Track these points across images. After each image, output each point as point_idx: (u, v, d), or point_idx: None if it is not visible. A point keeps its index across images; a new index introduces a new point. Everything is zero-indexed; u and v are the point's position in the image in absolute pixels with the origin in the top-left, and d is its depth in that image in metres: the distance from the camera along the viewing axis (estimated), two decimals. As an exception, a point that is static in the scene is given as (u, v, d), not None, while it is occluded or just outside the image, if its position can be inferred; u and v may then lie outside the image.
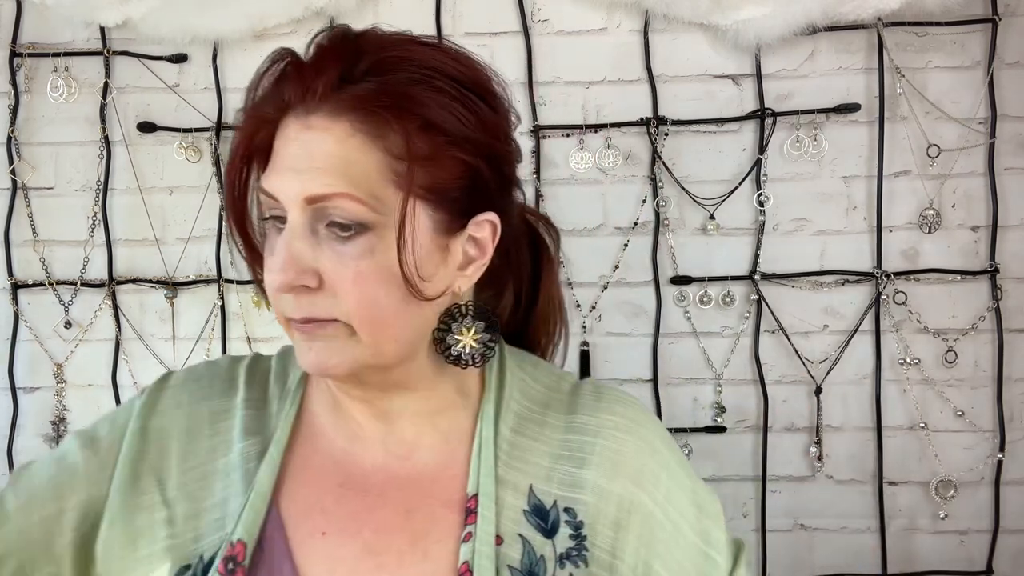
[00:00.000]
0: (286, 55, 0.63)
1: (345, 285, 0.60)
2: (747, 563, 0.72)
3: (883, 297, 1.46)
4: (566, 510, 0.68)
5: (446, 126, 0.61)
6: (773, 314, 1.47)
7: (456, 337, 0.67)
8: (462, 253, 0.65)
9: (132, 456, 0.69)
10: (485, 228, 0.66)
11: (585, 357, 1.48)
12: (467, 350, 0.67)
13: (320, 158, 0.59)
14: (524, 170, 1.48)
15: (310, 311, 0.61)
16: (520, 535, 0.66)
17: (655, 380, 1.49)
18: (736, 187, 1.47)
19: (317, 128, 0.59)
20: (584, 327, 1.49)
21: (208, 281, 1.51)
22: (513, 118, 0.69)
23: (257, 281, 0.69)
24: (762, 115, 1.45)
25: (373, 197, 0.59)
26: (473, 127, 0.62)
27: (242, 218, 0.67)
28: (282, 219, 0.61)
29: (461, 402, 0.72)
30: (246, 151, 0.65)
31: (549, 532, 0.67)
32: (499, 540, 0.65)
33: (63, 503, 0.66)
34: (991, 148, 1.44)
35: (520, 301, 0.80)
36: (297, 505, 0.68)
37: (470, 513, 0.66)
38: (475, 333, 0.67)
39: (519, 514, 0.67)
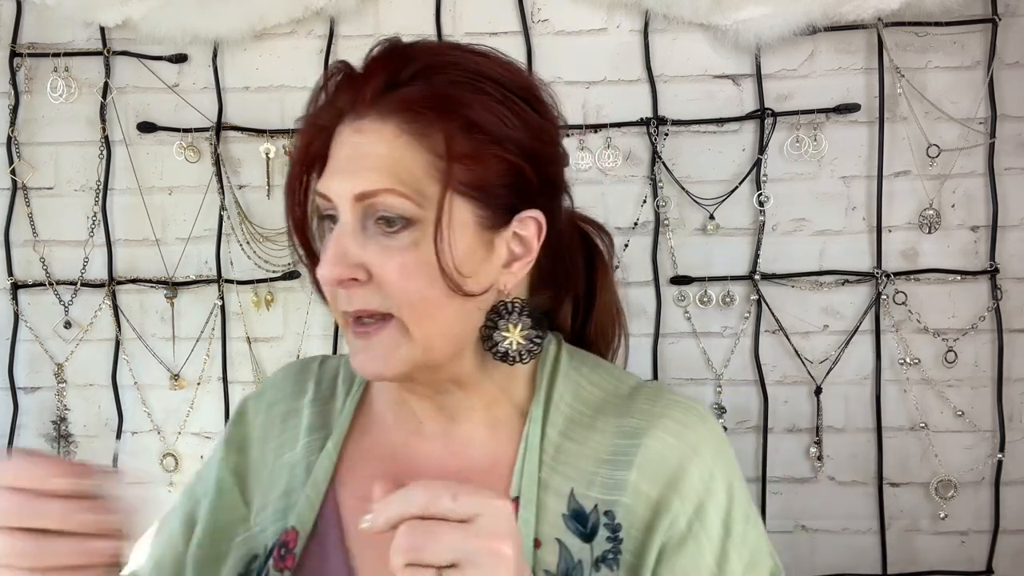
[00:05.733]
0: (342, 68, 0.67)
1: (391, 277, 0.62)
2: None
3: (883, 297, 1.46)
4: (606, 513, 0.67)
5: (489, 126, 0.63)
6: (773, 314, 1.47)
7: (503, 334, 0.67)
8: (507, 250, 0.67)
9: (231, 468, 0.77)
10: (530, 226, 0.67)
11: (585, 357, 1.48)
12: (514, 347, 0.67)
13: (369, 159, 0.62)
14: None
15: (363, 303, 0.63)
16: (558, 539, 0.66)
17: (655, 380, 1.49)
18: (736, 187, 1.47)
19: (367, 131, 0.63)
20: (584, 327, 1.49)
21: (208, 281, 1.51)
22: (561, 127, 0.71)
23: (316, 282, 0.70)
24: (762, 115, 1.45)
25: (418, 193, 0.61)
26: (516, 128, 0.64)
27: (302, 224, 0.70)
28: (335, 218, 0.64)
29: (509, 401, 0.73)
30: (304, 158, 0.68)
31: (588, 536, 0.67)
32: (537, 544, 0.66)
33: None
34: (991, 148, 1.44)
35: (579, 309, 0.82)
36: (354, 495, 0.71)
37: None
38: (522, 330, 0.67)
39: (559, 518, 0.67)
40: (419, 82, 0.63)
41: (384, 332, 0.64)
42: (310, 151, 0.68)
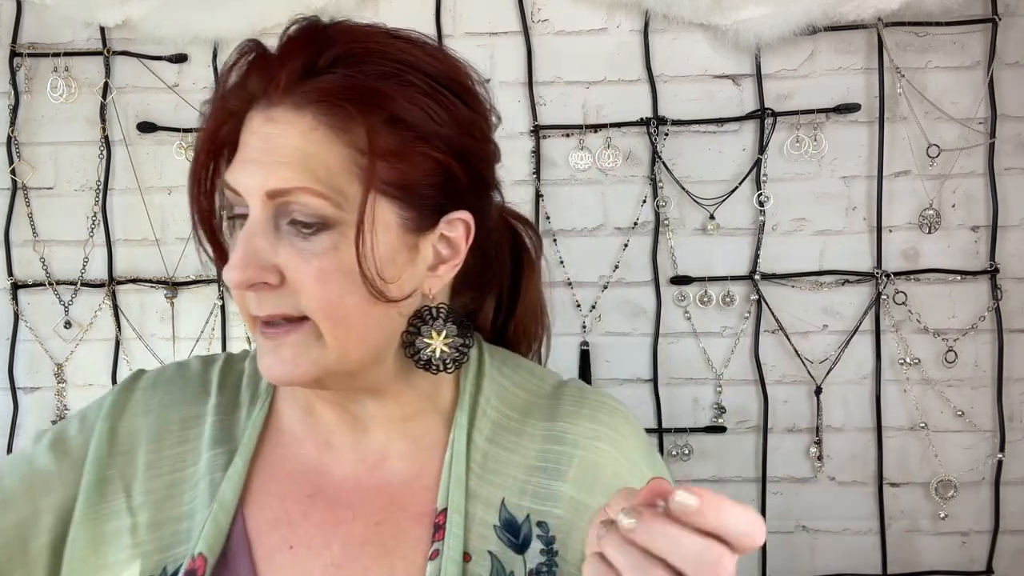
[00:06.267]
0: (253, 47, 0.61)
1: (307, 283, 0.57)
2: None
3: (883, 297, 1.46)
4: (539, 524, 0.65)
5: (414, 121, 0.58)
6: (773, 314, 1.47)
7: (425, 340, 0.63)
8: (433, 253, 0.63)
9: (100, 458, 0.66)
10: (458, 228, 0.63)
11: (585, 357, 1.48)
12: (437, 354, 0.64)
13: (282, 151, 0.57)
14: (524, 170, 1.49)
15: (274, 308, 0.59)
16: (490, 552, 0.63)
17: (655, 380, 1.49)
18: (736, 187, 1.47)
19: (280, 121, 0.57)
20: (584, 327, 1.49)
21: (208, 281, 1.51)
22: (493, 118, 0.67)
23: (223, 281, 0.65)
24: (762, 115, 1.45)
25: (336, 192, 0.57)
26: (445, 124, 0.60)
27: (209, 216, 0.64)
28: (246, 216, 0.59)
29: (434, 409, 0.69)
30: (211, 145, 0.62)
31: (520, 548, 0.64)
32: (467, 557, 0.63)
33: (37, 505, 0.64)
34: (991, 148, 1.44)
35: (501, 307, 0.78)
36: (264, 517, 0.65)
37: (438, 529, 0.63)
38: (446, 337, 0.64)
39: (489, 530, 0.64)
40: (339, 70, 0.58)
41: (295, 335, 0.59)
42: (218, 136, 0.62)
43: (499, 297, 0.77)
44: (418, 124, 0.59)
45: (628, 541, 0.44)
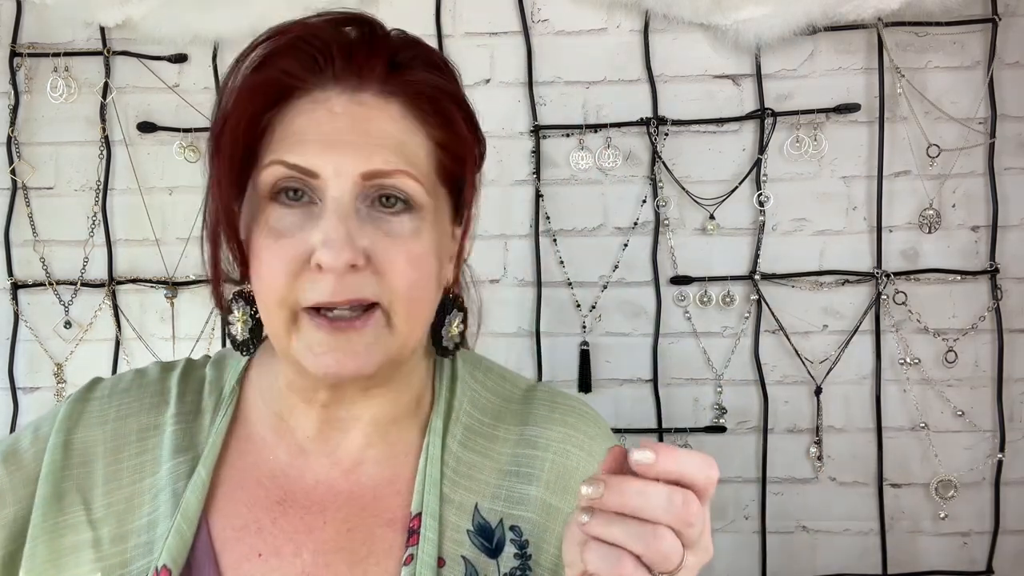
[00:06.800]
0: (295, 27, 0.60)
1: (397, 266, 0.58)
2: None
3: (883, 297, 1.46)
4: (512, 528, 0.66)
5: (470, 123, 0.65)
6: (773, 314, 1.47)
7: (449, 329, 0.68)
8: (458, 244, 0.68)
9: (55, 471, 0.65)
10: (469, 221, 0.68)
11: (585, 357, 1.48)
12: (454, 340, 0.69)
13: (378, 135, 0.58)
14: (524, 170, 1.49)
15: (356, 292, 0.57)
16: (463, 556, 0.64)
17: (655, 380, 1.49)
18: (736, 187, 1.47)
19: (370, 105, 0.58)
20: (584, 327, 1.49)
21: (208, 281, 1.50)
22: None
23: (244, 274, 0.63)
24: (762, 115, 1.45)
25: (427, 178, 0.60)
26: (476, 128, 0.67)
27: (236, 214, 0.62)
28: (296, 192, 0.58)
29: (414, 411, 0.70)
30: (251, 130, 0.59)
31: (493, 552, 0.65)
32: (441, 562, 0.63)
33: None
34: (991, 148, 1.44)
35: None
36: (231, 525, 0.64)
37: (412, 534, 0.63)
38: (459, 323, 0.68)
39: (463, 535, 0.64)
40: (420, 68, 0.61)
41: (370, 325, 0.58)
42: (259, 121, 0.59)
43: None
44: (471, 126, 0.65)
45: (615, 514, 0.46)
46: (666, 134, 1.47)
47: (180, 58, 1.49)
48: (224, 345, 1.52)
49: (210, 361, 0.74)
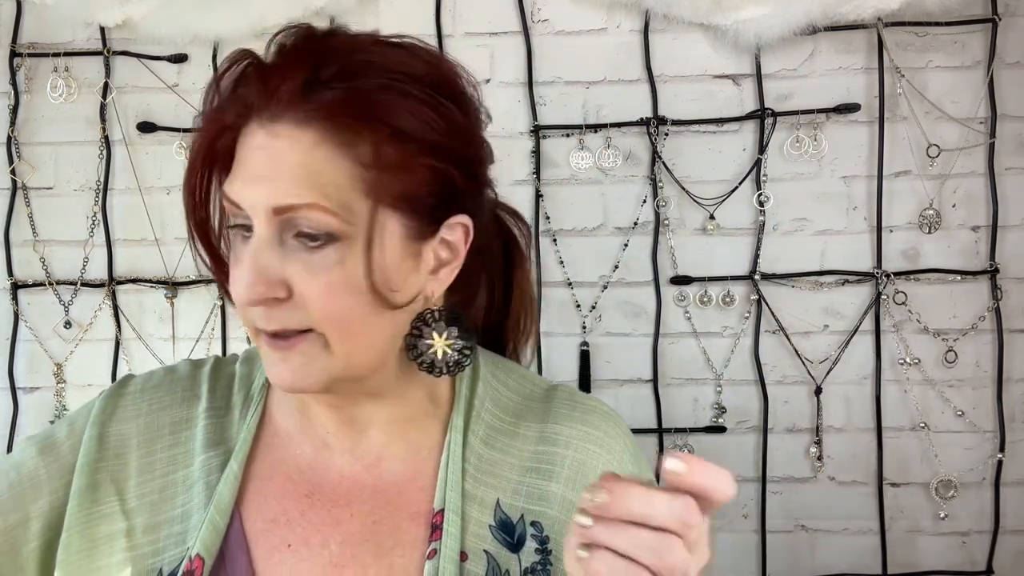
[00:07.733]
0: (247, 56, 0.61)
1: (315, 296, 0.58)
2: None
3: (883, 297, 1.46)
4: (533, 524, 0.67)
5: (416, 133, 0.59)
6: (773, 314, 1.47)
7: (427, 342, 0.64)
8: (434, 258, 0.64)
9: (90, 463, 0.67)
10: (457, 231, 0.64)
11: (585, 357, 1.48)
12: (440, 356, 0.64)
13: (287, 168, 0.57)
14: (524, 170, 1.49)
15: (283, 323, 0.59)
16: (485, 551, 0.65)
17: (655, 380, 1.49)
18: (736, 187, 1.47)
19: (283, 137, 0.57)
20: (584, 327, 1.49)
21: (208, 281, 1.51)
22: (483, 117, 0.67)
23: (225, 289, 0.66)
24: (762, 115, 1.45)
25: (343, 207, 0.57)
26: (444, 132, 0.60)
27: (204, 225, 0.65)
28: (247, 227, 0.59)
29: (432, 411, 0.70)
30: (208, 156, 0.62)
31: (515, 547, 0.66)
32: (464, 556, 0.64)
33: (27, 510, 0.65)
34: (991, 148, 1.44)
35: (493, 300, 0.78)
36: (262, 517, 0.66)
37: (435, 529, 0.65)
38: (448, 339, 0.65)
39: (485, 529, 0.66)
40: (341, 84, 0.57)
41: (302, 344, 0.60)
42: (215, 148, 0.62)
43: (491, 292, 0.78)
44: (420, 135, 0.59)
45: (621, 522, 0.46)
46: (666, 134, 1.47)
47: (180, 58, 1.49)
48: (223, 346, 1.52)
49: (240, 358, 0.75)
